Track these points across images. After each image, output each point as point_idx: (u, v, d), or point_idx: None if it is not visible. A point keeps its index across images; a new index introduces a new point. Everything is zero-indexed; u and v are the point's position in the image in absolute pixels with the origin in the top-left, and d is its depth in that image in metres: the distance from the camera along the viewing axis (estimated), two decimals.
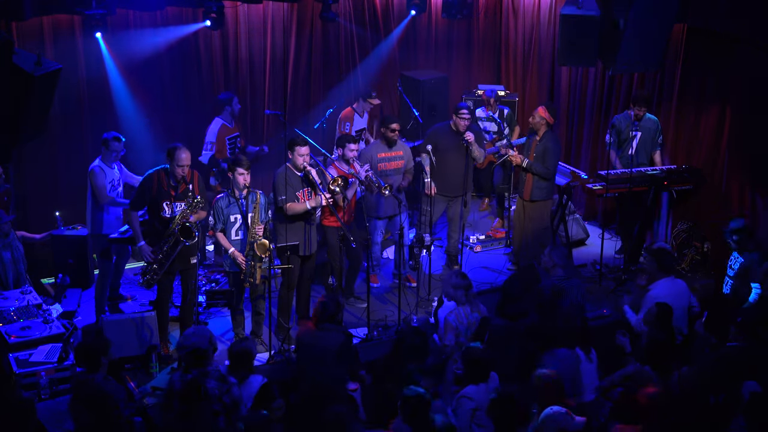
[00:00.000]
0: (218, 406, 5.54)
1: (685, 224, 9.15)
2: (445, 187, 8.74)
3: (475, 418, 5.71)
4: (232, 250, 7.36)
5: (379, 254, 8.84)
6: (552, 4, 10.74)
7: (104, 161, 7.97)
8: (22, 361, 6.64)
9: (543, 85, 11.13)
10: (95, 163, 7.98)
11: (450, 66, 11.45)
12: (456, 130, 8.67)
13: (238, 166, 7.26)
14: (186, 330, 6.00)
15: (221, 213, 7.35)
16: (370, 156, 8.44)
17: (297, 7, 10.21)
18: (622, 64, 7.87)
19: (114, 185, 8.04)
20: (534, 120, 8.63)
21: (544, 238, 8.83)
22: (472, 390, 5.78)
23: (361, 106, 9.65)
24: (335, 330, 6.28)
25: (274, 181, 7.54)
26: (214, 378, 5.61)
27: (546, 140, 8.61)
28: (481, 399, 5.71)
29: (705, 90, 8.98)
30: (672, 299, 6.79)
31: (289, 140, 7.58)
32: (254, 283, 7.38)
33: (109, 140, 7.96)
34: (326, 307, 6.28)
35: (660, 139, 9.17)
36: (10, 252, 7.75)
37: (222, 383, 5.60)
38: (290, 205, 7.46)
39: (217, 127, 8.98)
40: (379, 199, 8.42)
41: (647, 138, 9.10)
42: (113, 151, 7.96)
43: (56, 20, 8.77)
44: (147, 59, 9.40)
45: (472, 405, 5.71)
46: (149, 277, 7.28)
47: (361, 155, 8.46)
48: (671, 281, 6.98)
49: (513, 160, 8.71)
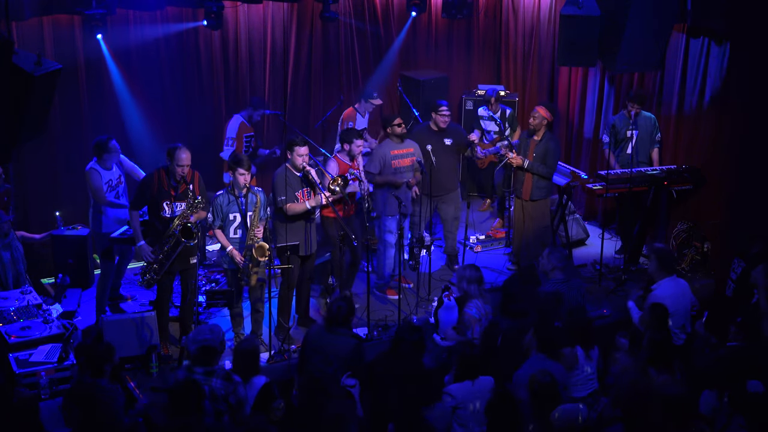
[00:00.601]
0: (223, 406, 5.55)
1: (685, 224, 9.15)
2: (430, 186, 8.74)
3: (455, 416, 5.71)
4: (230, 248, 7.36)
5: (392, 262, 8.58)
6: (552, 4, 10.74)
7: (101, 164, 7.86)
8: (22, 361, 6.64)
9: (543, 85, 11.13)
10: (91, 164, 7.88)
11: (450, 66, 11.45)
12: (437, 128, 8.70)
13: (238, 166, 7.25)
14: (200, 326, 5.97)
15: (220, 210, 7.36)
16: (383, 154, 8.39)
17: (297, 7, 10.21)
18: (622, 64, 7.89)
19: (112, 185, 7.95)
20: (535, 121, 8.61)
21: (545, 237, 8.84)
22: (454, 388, 5.78)
23: (363, 106, 9.65)
24: (347, 335, 6.24)
25: (274, 181, 7.53)
26: (220, 377, 5.61)
27: (546, 140, 8.61)
28: (463, 397, 5.71)
29: (705, 90, 8.98)
30: (675, 299, 6.79)
31: (288, 141, 7.57)
32: (249, 283, 7.39)
33: (105, 143, 7.78)
34: (340, 310, 6.23)
35: (658, 136, 9.18)
36: (9, 252, 7.74)
37: (228, 382, 5.59)
38: (290, 206, 7.45)
39: (237, 123, 9.04)
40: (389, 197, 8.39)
41: (645, 136, 9.10)
42: (113, 152, 7.86)
43: (56, 20, 8.77)
44: (147, 59, 9.41)
45: (453, 403, 5.71)
46: (149, 277, 7.27)
47: (374, 154, 8.45)
48: (674, 281, 6.97)
49: (513, 162, 8.69)
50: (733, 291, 7.54)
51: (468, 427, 5.71)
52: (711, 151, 8.99)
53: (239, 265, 7.34)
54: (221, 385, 5.57)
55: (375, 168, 8.35)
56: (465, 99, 10.99)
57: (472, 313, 6.85)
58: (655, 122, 9.17)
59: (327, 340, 6.21)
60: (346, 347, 6.16)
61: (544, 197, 8.77)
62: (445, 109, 8.73)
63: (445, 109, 8.71)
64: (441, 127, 8.74)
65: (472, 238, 9.73)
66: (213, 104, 10.11)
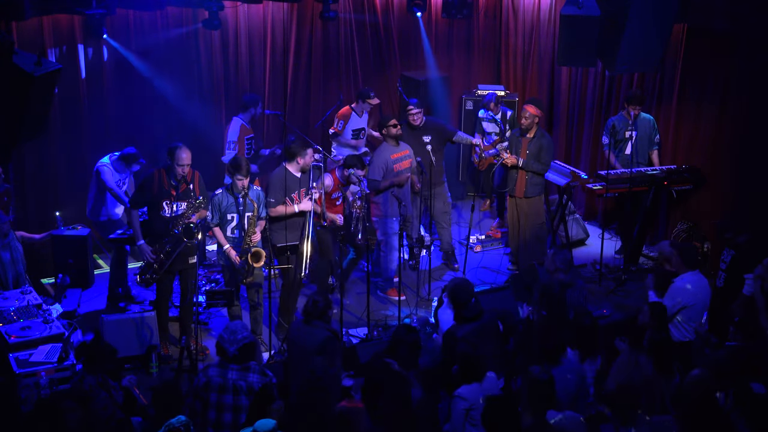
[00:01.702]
0: None
1: (685, 224, 9.15)
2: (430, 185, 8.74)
3: (468, 417, 5.71)
4: (227, 247, 7.37)
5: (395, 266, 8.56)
6: (552, 4, 10.74)
7: (115, 168, 8.23)
8: (22, 361, 6.64)
9: (543, 85, 11.13)
10: (104, 164, 8.19)
11: (450, 66, 11.45)
12: (411, 128, 8.80)
13: (237, 172, 7.25)
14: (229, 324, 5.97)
15: (218, 208, 7.38)
16: (385, 159, 8.41)
17: (297, 7, 10.21)
18: (622, 64, 7.88)
19: (119, 185, 8.26)
20: (527, 121, 8.61)
21: (542, 233, 8.87)
22: (465, 390, 5.78)
23: (360, 106, 9.65)
24: (321, 328, 6.29)
25: (269, 181, 7.59)
26: (257, 372, 5.67)
27: (539, 137, 8.64)
28: (474, 398, 5.70)
29: (705, 90, 8.98)
30: (695, 291, 6.75)
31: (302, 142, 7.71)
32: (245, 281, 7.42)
33: (133, 158, 8.28)
34: (316, 304, 6.30)
35: (657, 138, 9.18)
36: (9, 252, 7.73)
37: (263, 377, 5.66)
38: (275, 209, 7.54)
39: (237, 126, 9.02)
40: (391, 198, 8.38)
41: (644, 137, 9.11)
42: (131, 168, 8.31)
43: (56, 20, 8.77)
44: (147, 59, 9.40)
45: (466, 405, 5.71)
46: (148, 277, 7.27)
47: (375, 161, 8.43)
48: (696, 275, 6.91)
49: (508, 162, 8.71)
50: (724, 280, 7.53)
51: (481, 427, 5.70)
52: (711, 151, 8.99)
53: (235, 264, 7.35)
54: (258, 380, 5.63)
55: (378, 174, 8.35)
56: (465, 99, 10.99)
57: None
58: (653, 124, 9.17)
59: (303, 334, 6.29)
60: (318, 339, 6.20)
61: (538, 194, 8.79)
62: (413, 107, 8.84)
63: (412, 108, 8.83)
64: (416, 125, 8.79)
65: (472, 238, 9.73)
66: (213, 104, 10.11)
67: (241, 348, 5.69)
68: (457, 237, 9.81)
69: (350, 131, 9.56)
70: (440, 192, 9.06)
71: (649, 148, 9.18)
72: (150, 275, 7.26)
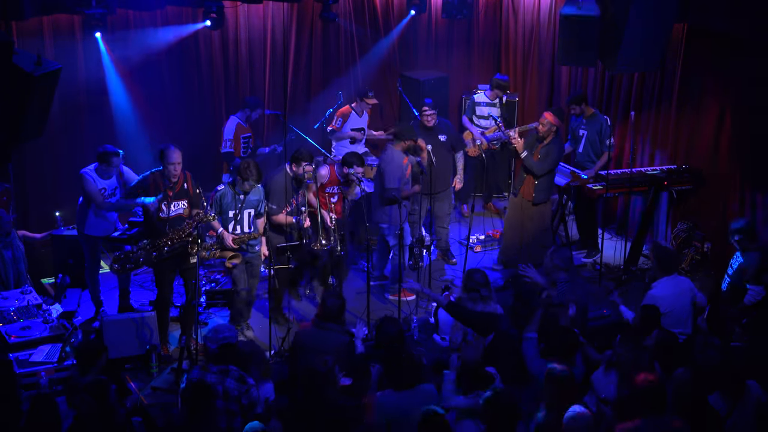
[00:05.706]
0: (235, 407, 5.54)
1: (685, 224, 9.14)
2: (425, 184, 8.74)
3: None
4: (221, 231, 7.39)
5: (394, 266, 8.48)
6: (552, 4, 10.74)
7: (99, 174, 7.77)
8: (22, 361, 6.64)
9: (543, 85, 11.13)
10: (88, 169, 7.76)
11: (450, 66, 11.45)
12: (426, 128, 8.81)
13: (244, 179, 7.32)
14: (216, 324, 5.97)
15: (218, 204, 7.43)
16: (399, 166, 8.34)
17: (297, 7, 10.21)
18: (622, 64, 7.87)
19: (105, 194, 7.81)
20: (544, 128, 8.61)
21: (545, 240, 8.83)
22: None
23: (360, 105, 9.67)
24: (337, 331, 6.22)
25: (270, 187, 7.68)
26: (234, 378, 5.61)
27: (551, 144, 8.63)
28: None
29: (705, 90, 8.98)
30: (671, 299, 6.77)
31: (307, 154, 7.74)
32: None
33: (109, 156, 7.75)
34: (330, 306, 6.21)
35: (610, 141, 9.15)
36: (11, 251, 7.74)
37: (241, 384, 5.60)
38: (278, 217, 7.64)
39: (234, 125, 9.03)
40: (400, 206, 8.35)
41: (593, 137, 9.21)
42: (113, 166, 7.81)
43: (56, 20, 8.77)
44: (147, 59, 9.40)
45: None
46: (119, 267, 7.14)
47: (390, 168, 8.30)
48: (673, 279, 6.95)
49: (515, 144, 8.67)
50: (728, 285, 7.53)
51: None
52: (711, 151, 8.99)
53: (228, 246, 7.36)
54: (235, 386, 5.58)
55: (396, 183, 8.29)
56: (465, 99, 10.99)
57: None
58: (604, 125, 9.20)
59: (317, 338, 6.16)
60: (336, 344, 6.11)
61: (546, 200, 8.78)
62: (427, 108, 8.86)
63: (426, 109, 8.85)
64: (429, 126, 8.81)
65: (472, 238, 9.72)
66: (213, 104, 10.11)
67: (221, 347, 5.67)
68: (458, 237, 9.81)
69: (349, 130, 9.59)
70: (447, 194, 9.10)
71: (600, 149, 9.24)
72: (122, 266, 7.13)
